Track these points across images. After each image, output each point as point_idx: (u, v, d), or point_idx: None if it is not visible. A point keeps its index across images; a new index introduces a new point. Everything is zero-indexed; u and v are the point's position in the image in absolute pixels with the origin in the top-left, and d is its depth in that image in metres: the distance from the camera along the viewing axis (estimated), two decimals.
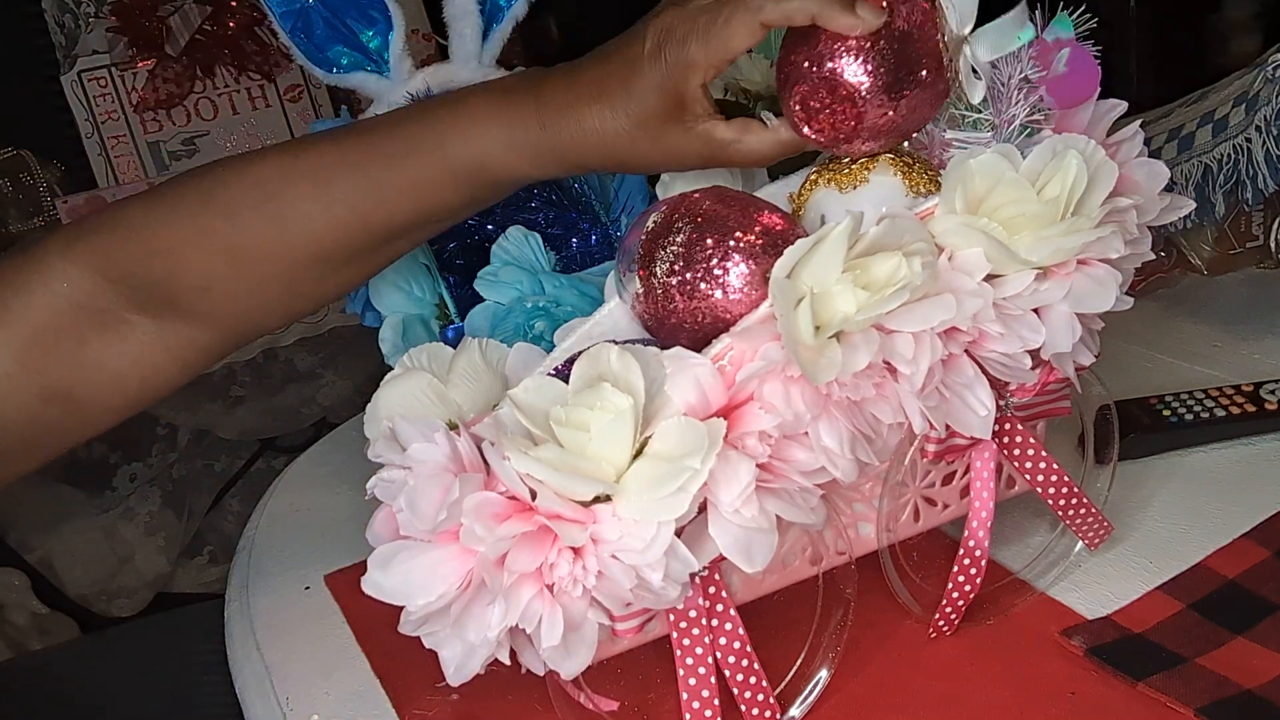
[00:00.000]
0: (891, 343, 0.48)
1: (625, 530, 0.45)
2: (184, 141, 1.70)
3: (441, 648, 0.47)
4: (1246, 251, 0.96)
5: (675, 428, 0.46)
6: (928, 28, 0.52)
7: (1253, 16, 1.64)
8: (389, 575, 0.46)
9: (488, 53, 0.79)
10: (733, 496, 0.46)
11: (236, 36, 1.67)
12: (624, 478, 0.45)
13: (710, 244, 0.50)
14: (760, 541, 0.47)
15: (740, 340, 0.48)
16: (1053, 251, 0.50)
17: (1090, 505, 0.62)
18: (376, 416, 0.56)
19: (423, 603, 0.45)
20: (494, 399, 0.55)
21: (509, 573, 0.44)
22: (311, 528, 0.84)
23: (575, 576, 0.45)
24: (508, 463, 0.44)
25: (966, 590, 0.59)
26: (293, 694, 0.65)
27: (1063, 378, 0.57)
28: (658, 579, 0.45)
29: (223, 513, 1.91)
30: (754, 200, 0.52)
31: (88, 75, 1.64)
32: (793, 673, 0.57)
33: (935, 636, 0.60)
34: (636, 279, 0.52)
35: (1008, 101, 0.54)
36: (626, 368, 0.46)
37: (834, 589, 0.58)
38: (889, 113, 0.52)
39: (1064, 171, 0.51)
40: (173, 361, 0.61)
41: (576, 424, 0.45)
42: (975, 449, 0.58)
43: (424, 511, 0.45)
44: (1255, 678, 0.53)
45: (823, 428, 0.48)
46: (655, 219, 0.52)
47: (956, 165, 0.51)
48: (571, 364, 0.49)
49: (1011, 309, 0.51)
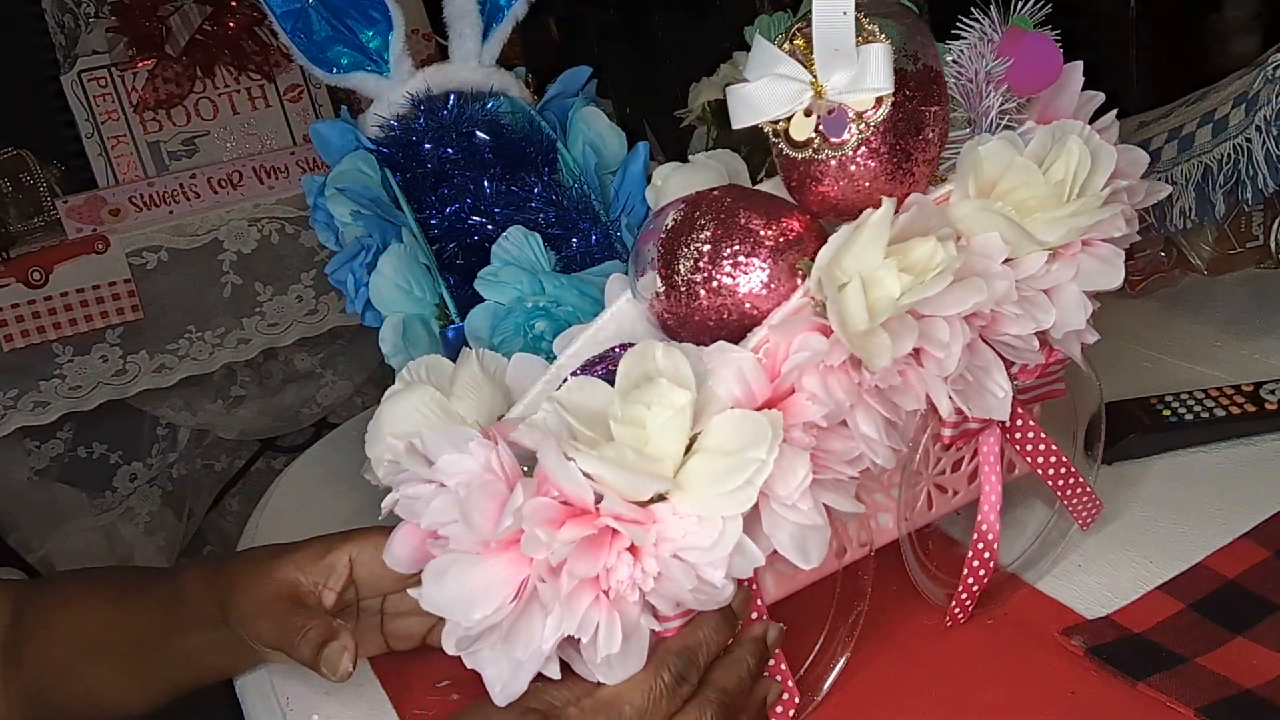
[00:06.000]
0: (929, 327, 0.48)
1: (688, 528, 0.44)
2: (184, 141, 1.70)
3: (485, 667, 0.46)
4: (1246, 251, 0.96)
5: (728, 421, 0.45)
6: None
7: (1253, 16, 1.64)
8: (444, 589, 0.44)
9: (488, 53, 0.80)
10: (790, 490, 0.45)
11: (236, 36, 1.67)
12: (681, 474, 0.44)
13: (736, 239, 0.50)
14: (815, 536, 0.47)
15: (777, 333, 0.48)
16: (1066, 231, 0.52)
17: (1085, 484, 0.62)
18: (380, 434, 0.54)
19: (479, 616, 0.44)
20: (497, 410, 0.55)
21: (569, 578, 0.43)
22: (311, 528, 0.84)
23: (634, 580, 0.44)
24: (572, 464, 0.43)
25: (981, 575, 0.60)
26: (293, 694, 0.65)
27: (1061, 359, 0.58)
28: (720, 577, 0.44)
29: (223, 513, 1.91)
30: (771, 196, 0.52)
31: (88, 75, 1.64)
32: (810, 660, 0.57)
33: (950, 625, 0.60)
34: (657, 278, 0.51)
35: (978, 96, 0.55)
36: (676, 363, 0.45)
37: (853, 580, 0.57)
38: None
39: (1067, 155, 0.52)
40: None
41: (634, 422, 0.44)
42: (983, 433, 0.59)
43: (478, 523, 0.44)
44: (1255, 678, 0.53)
45: (860, 416, 0.48)
46: (674, 217, 0.52)
47: (966, 153, 0.52)
48: (588, 369, 0.49)
49: (1026, 290, 0.52)
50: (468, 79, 0.79)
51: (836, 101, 0.50)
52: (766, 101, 0.50)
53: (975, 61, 0.55)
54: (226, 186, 1.67)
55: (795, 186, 0.52)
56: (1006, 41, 0.55)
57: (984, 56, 0.55)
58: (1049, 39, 0.56)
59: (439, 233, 0.73)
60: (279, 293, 1.69)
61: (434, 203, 0.74)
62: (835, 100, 0.50)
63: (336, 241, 0.77)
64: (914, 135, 0.50)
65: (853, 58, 0.48)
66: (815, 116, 0.50)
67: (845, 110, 0.50)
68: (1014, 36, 0.55)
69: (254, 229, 1.65)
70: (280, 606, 0.59)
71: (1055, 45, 0.56)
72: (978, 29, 0.56)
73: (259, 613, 0.59)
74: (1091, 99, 0.59)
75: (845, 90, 0.49)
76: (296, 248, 1.68)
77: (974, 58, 0.55)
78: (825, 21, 0.48)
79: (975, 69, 0.55)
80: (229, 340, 1.67)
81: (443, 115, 0.75)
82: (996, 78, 0.55)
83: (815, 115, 0.50)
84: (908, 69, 0.50)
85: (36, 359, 1.56)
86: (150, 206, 1.64)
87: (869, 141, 0.50)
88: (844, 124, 0.50)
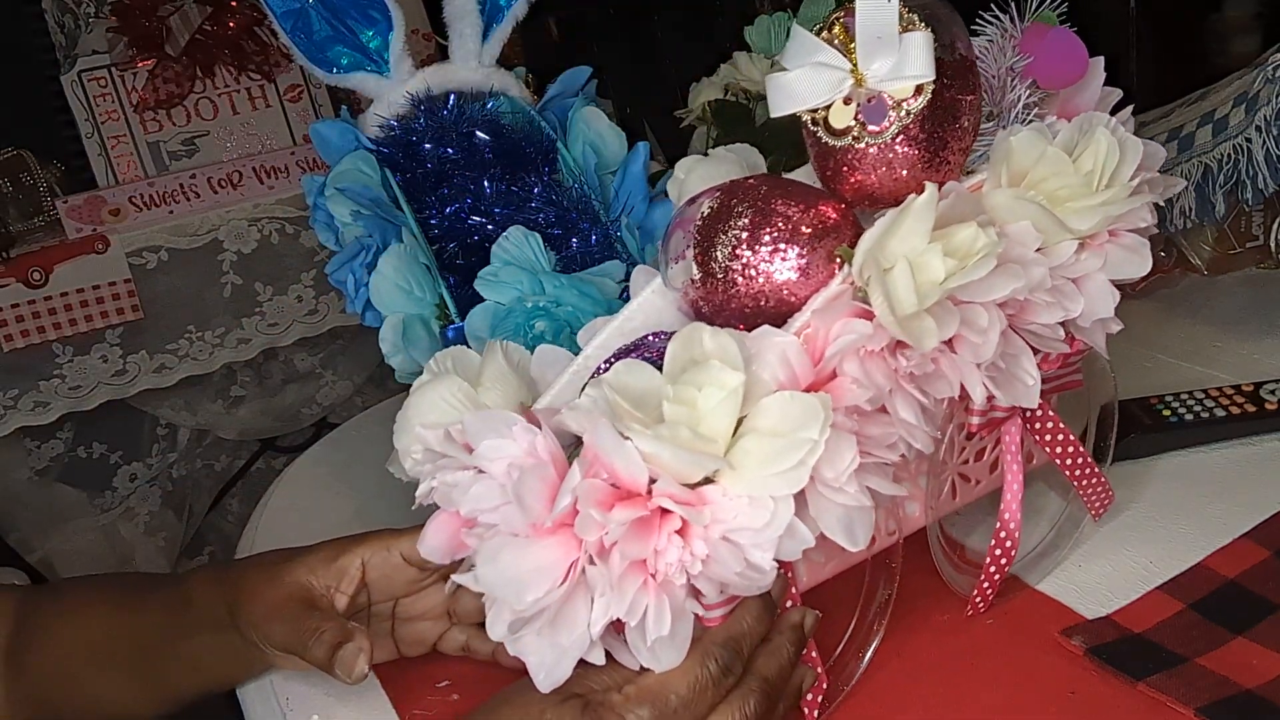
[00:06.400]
0: (968, 313, 0.49)
1: (740, 509, 0.44)
2: (184, 141, 1.70)
3: (529, 655, 0.46)
4: (1246, 251, 0.96)
5: (777, 403, 0.45)
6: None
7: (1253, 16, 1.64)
8: (499, 570, 0.44)
9: (488, 53, 0.80)
10: (837, 473, 0.46)
11: (236, 36, 1.67)
12: (730, 456, 0.44)
13: (774, 226, 0.50)
14: (861, 518, 0.47)
15: (818, 318, 0.48)
16: (1098, 220, 0.53)
17: (1099, 473, 0.63)
18: (408, 425, 0.54)
19: (532, 598, 0.44)
20: (523, 401, 0.55)
21: (621, 559, 0.43)
22: (311, 528, 0.84)
23: (683, 562, 0.44)
24: (628, 444, 0.43)
25: (1003, 563, 0.60)
26: (293, 694, 0.65)
27: (1082, 349, 0.58)
28: (768, 559, 0.44)
29: (223, 513, 1.91)
30: (806, 185, 0.53)
31: (88, 75, 1.64)
32: (839, 649, 0.57)
33: (971, 614, 0.61)
34: (693, 265, 0.52)
35: (1001, 91, 0.56)
36: (724, 346, 0.45)
37: (883, 568, 0.58)
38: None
39: (1095, 146, 0.53)
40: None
41: (686, 402, 0.44)
42: (1006, 423, 0.59)
43: (530, 504, 0.44)
44: (1255, 678, 0.53)
45: (899, 401, 0.49)
46: (710, 204, 0.52)
47: (999, 143, 0.53)
48: (621, 357, 0.49)
49: (1056, 279, 0.52)
50: (468, 79, 0.79)
51: (876, 90, 0.50)
52: (807, 90, 0.51)
53: (998, 57, 0.56)
54: (226, 186, 1.67)
55: (830, 175, 0.53)
56: (1029, 37, 0.56)
57: (1006, 52, 0.56)
58: (1073, 35, 0.57)
59: (439, 233, 0.73)
60: (279, 293, 1.69)
61: (434, 203, 0.74)
62: (875, 88, 0.50)
63: (336, 241, 0.77)
64: (951, 124, 0.51)
65: (895, 46, 0.49)
66: (855, 104, 0.51)
67: (885, 98, 0.50)
68: (1037, 33, 0.56)
69: (254, 229, 1.65)
70: (292, 609, 0.58)
71: (1080, 42, 0.56)
72: (998, 25, 0.56)
73: (271, 615, 0.59)
74: (1110, 94, 0.59)
75: (886, 78, 0.50)
76: (296, 248, 1.68)
77: (996, 53, 0.56)
78: (869, 9, 0.49)
79: (999, 63, 0.56)
80: (229, 340, 1.67)
81: (443, 115, 0.75)
82: (1019, 72, 0.55)
83: (855, 103, 0.51)
84: (944, 58, 0.50)
85: (36, 359, 1.56)
86: (150, 206, 1.64)
87: (908, 129, 0.50)
88: (884, 112, 0.50)
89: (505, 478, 0.45)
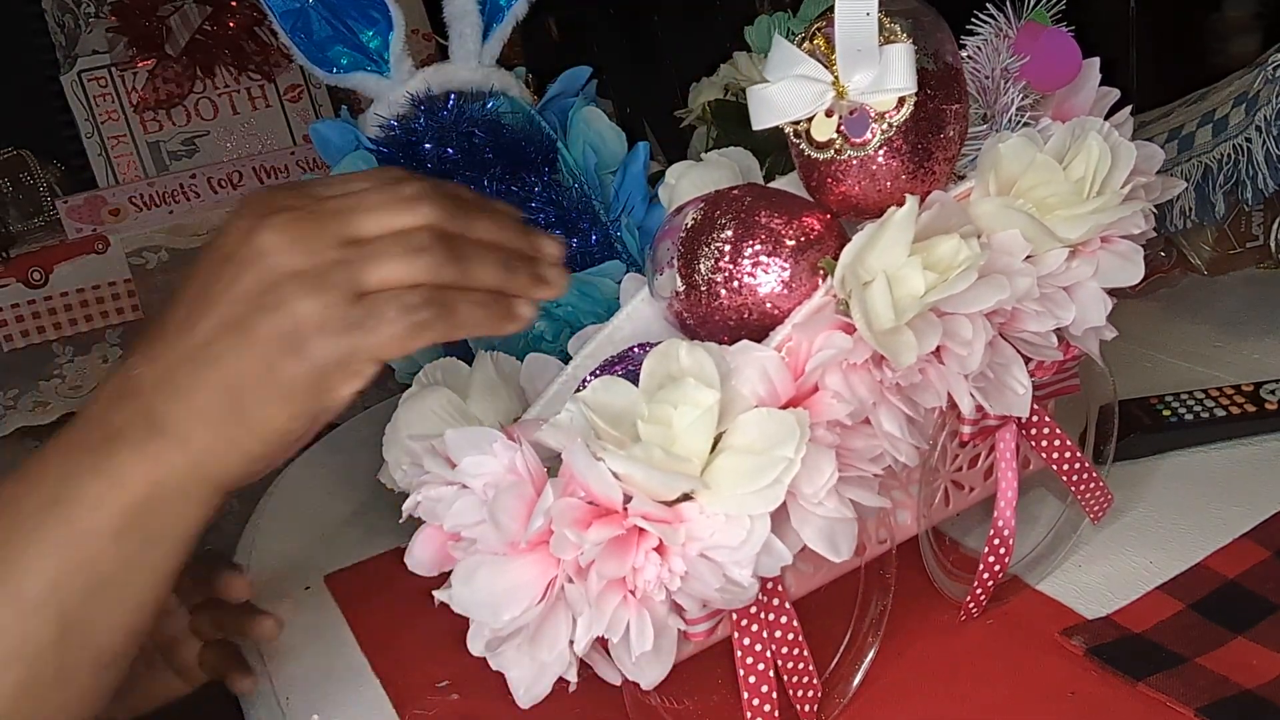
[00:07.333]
0: (951, 325, 0.48)
1: (716, 527, 0.43)
2: (184, 141, 1.70)
3: (510, 669, 0.45)
4: (1246, 251, 0.96)
5: (754, 420, 0.45)
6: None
7: (1253, 16, 1.63)
8: (474, 590, 0.44)
9: (488, 53, 0.80)
10: (816, 488, 0.45)
11: (236, 36, 1.67)
12: (707, 474, 0.44)
13: (758, 239, 0.49)
14: (843, 529, 0.47)
15: (800, 331, 0.48)
16: (1087, 229, 0.52)
17: (1097, 477, 0.63)
18: (397, 438, 0.54)
19: (508, 617, 0.44)
20: (512, 411, 0.55)
21: (598, 578, 0.43)
22: (311, 528, 0.84)
23: (661, 579, 0.43)
24: (601, 464, 0.43)
25: (996, 570, 0.60)
26: (293, 694, 0.65)
27: (1077, 355, 0.58)
28: (747, 576, 0.44)
29: (223, 512, 1.90)
30: (791, 195, 0.52)
31: (88, 75, 1.64)
32: (836, 661, 0.57)
33: (964, 619, 0.60)
34: (676, 277, 0.51)
35: (995, 93, 0.55)
36: (700, 363, 0.45)
37: (876, 576, 0.57)
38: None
39: (1087, 152, 0.52)
40: None
41: (661, 421, 0.44)
42: (1000, 430, 0.59)
43: (506, 524, 0.43)
44: (1255, 678, 0.53)
45: (883, 414, 0.48)
46: (694, 216, 0.51)
47: (987, 150, 0.52)
48: (607, 369, 0.49)
49: (1046, 287, 0.52)
50: (468, 79, 0.79)
51: (858, 102, 0.49)
52: (788, 103, 0.50)
53: (991, 58, 0.55)
54: (226, 186, 1.67)
55: (815, 186, 0.52)
56: (1023, 38, 0.55)
57: (1000, 52, 0.55)
58: (1067, 35, 0.56)
59: None
60: None
61: None
62: (857, 101, 0.49)
63: None
64: (935, 134, 0.50)
65: (875, 58, 0.48)
66: (837, 117, 0.50)
67: (867, 110, 0.49)
68: (1031, 33, 0.55)
69: None
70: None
71: (1074, 41, 0.56)
72: (992, 25, 0.56)
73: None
74: (1107, 95, 0.59)
75: (868, 91, 0.49)
76: None
77: (990, 54, 0.55)
78: (848, 22, 0.48)
79: (992, 65, 0.55)
80: None
81: (443, 115, 0.75)
82: (1013, 74, 0.55)
83: (837, 115, 0.50)
84: (929, 67, 0.49)
85: (36, 359, 1.56)
86: (150, 206, 1.64)
87: (891, 141, 0.49)
88: (866, 124, 0.50)
89: (484, 494, 0.45)
